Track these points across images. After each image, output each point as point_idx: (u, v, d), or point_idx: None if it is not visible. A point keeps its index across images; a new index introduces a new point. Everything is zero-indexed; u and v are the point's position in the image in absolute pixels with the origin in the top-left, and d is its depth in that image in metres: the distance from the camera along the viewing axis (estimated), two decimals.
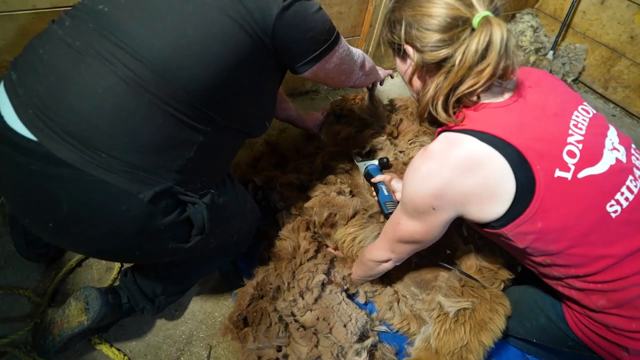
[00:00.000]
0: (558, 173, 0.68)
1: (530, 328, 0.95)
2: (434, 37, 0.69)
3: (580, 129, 0.73)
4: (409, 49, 0.74)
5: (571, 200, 0.69)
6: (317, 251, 1.07)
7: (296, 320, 0.97)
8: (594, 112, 0.78)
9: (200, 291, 1.13)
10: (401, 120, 1.51)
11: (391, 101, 1.65)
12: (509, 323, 1.00)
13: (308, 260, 1.03)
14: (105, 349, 0.95)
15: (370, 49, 1.84)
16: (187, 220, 0.74)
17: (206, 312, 1.09)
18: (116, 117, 0.63)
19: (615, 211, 0.70)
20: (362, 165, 1.34)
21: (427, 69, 0.75)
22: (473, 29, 0.67)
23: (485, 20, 0.66)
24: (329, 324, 0.96)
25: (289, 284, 1.00)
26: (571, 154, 0.70)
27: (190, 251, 0.77)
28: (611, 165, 0.72)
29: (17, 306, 1.01)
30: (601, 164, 0.71)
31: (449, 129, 0.74)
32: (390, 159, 1.39)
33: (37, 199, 0.65)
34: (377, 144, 1.41)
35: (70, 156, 0.61)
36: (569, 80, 2.33)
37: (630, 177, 0.73)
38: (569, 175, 0.69)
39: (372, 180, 1.25)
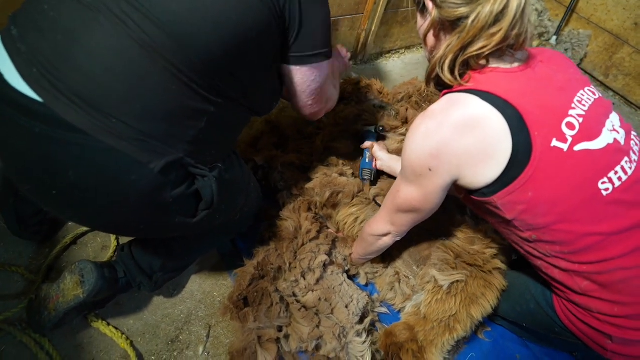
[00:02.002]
0: (555, 143, 0.68)
1: (520, 312, 0.97)
2: None
3: (584, 105, 0.73)
4: (429, 4, 0.75)
5: (564, 172, 0.68)
6: (319, 232, 1.06)
7: (298, 301, 0.96)
8: (600, 95, 0.78)
9: (199, 271, 1.11)
10: (407, 109, 1.49)
11: (395, 90, 1.62)
12: (502, 306, 1.02)
13: (310, 241, 1.02)
14: (102, 327, 0.94)
15: (373, 28, 1.79)
16: (195, 194, 0.71)
17: (205, 292, 1.08)
18: (129, 82, 0.59)
19: (607, 189, 0.69)
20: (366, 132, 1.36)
21: (443, 27, 0.75)
22: None
23: None
24: (330, 304, 0.96)
25: (290, 264, 0.99)
26: (570, 126, 0.69)
27: (196, 227, 0.75)
28: (608, 144, 0.71)
29: (10, 284, 0.98)
30: (599, 141, 0.71)
31: (453, 91, 0.74)
32: (396, 145, 1.37)
33: (41, 164, 0.61)
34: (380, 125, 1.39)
35: (78, 120, 0.57)
36: None
37: (626, 158, 0.73)
38: (565, 147, 0.68)
39: (361, 146, 1.27)
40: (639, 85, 2.18)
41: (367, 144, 1.30)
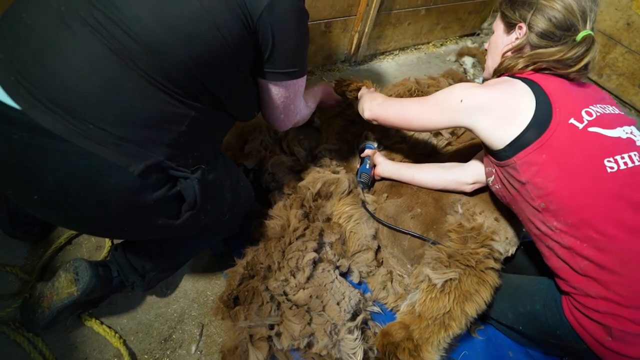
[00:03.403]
0: (572, 121, 0.82)
1: (522, 313, 0.97)
2: (548, 27, 0.88)
3: (605, 110, 0.86)
4: (523, 27, 0.91)
5: (575, 145, 0.81)
6: (306, 229, 1.06)
7: (288, 300, 0.97)
8: (631, 119, 0.91)
9: (193, 270, 1.12)
10: None
11: (386, 91, 1.63)
12: (500, 307, 1.03)
13: (297, 239, 1.02)
14: (95, 326, 0.94)
15: (366, 30, 1.81)
16: (178, 195, 0.72)
17: (198, 291, 1.09)
18: (105, 89, 0.61)
19: (612, 167, 0.79)
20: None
21: (523, 47, 0.93)
22: (575, 39, 0.85)
23: (590, 38, 0.84)
24: (322, 301, 0.97)
25: (279, 263, 0.99)
26: (589, 114, 0.83)
27: (182, 228, 0.76)
28: (620, 137, 0.83)
29: (4, 284, 0.99)
30: (612, 131, 0.83)
31: (511, 75, 0.92)
32: (398, 146, 1.40)
33: (21, 170, 0.62)
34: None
35: (56, 126, 0.59)
36: None
37: (636, 153, 0.81)
38: (580, 126, 0.81)
39: (362, 154, 1.33)
40: (632, 85, 2.20)
41: (368, 151, 1.32)
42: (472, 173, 1.10)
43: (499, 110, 0.87)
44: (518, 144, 0.84)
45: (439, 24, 2.21)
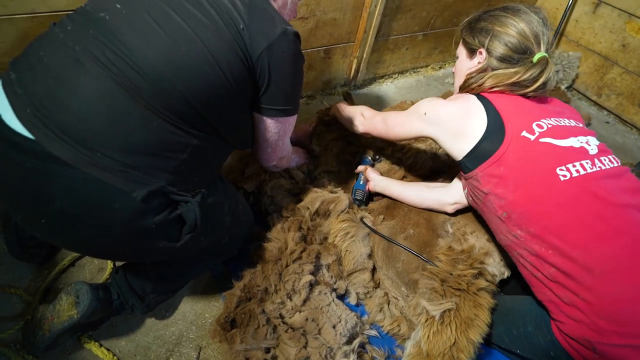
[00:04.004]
0: (524, 133, 0.88)
1: (516, 336, 0.97)
2: (506, 52, 0.96)
3: (559, 122, 0.90)
4: (483, 52, 1.00)
5: (528, 155, 0.86)
6: (302, 251, 1.07)
7: (285, 322, 0.97)
8: (588, 129, 0.95)
9: (192, 292, 1.14)
10: None
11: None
12: (496, 331, 1.01)
13: (294, 262, 1.04)
14: (94, 348, 0.96)
15: (365, 55, 1.87)
16: (178, 218, 0.75)
17: (197, 313, 1.10)
18: (113, 120, 0.66)
19: (565, 175, 0.83)
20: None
21: (485, 69, 1.01)
22: (532, 61, 0.92)
23: (544, 59, 0.92)
24: (317, 324, 0.97)
25: (276, 285, 1.00)
26: (539, 126, 0.89)
27: (182, 250, 0.79)
28: (572, 146, 0.88)
29: (8, 305, 1.01)
30: (563, 141, 0.88)
31: (469, 92, 1.01)
32: (387, 166, 1.43)
33: (31, 195, 0.66)
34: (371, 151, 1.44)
35: (66, 154, 0.63)
36: (562, 87, 2.36)
37: (588, 161, 0.85)
38: (532, 137, 0.87)
39: (356, 170, 1.39)
40: (632, 104, 2.21)
41: (360, 167, 1.38)
42: (453, 194, 1.13)
43: (452, 123, 0.95)
44: (475, 157, 0.92)
45: (437, 48, 2.27)
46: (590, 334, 0.76)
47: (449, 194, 1.14)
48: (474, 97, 0.97)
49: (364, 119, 1.23)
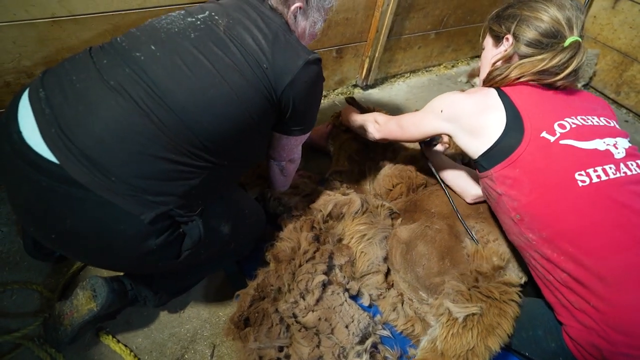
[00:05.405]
0: (544, 134, 0.84)
1: (525, 339, 0.95)
2: (534, 36, 0.90)
3: (586, 121, 0.84)
4: (510, 38, 0.95)
5: (547, 157, 0.82)
6: (316, 251, 1.08)
7: (298, 322, 0.98)
8: (619, 129, 0.90)
9: (206, 291, 1.15)
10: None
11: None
12: None
13: (307, 262, 1.04)
14: (112, 344, 0.98)
15: (377, 54, 1.86)
16: (179, 237, 0.78)
17: (211, 311, 1.11)
18: (132, 149, 0.69)
19: (584, 181, 0.79)
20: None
21: (511, 56, 0.96)
22: (564, 46, 0.86)
23: (577, 44, 0.85)
24: (330, 324, 0.97)
25: (289, 285, 1.01)
26: (562, 126, 0.84)
27: (183, 263, 0.82)
28: (597, 149, 0.81)
29: (29, 301, 1.04)
30: (587, 144, 0.82)
31: (492, 86, 0.97)
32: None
33: (43, 212, 0.70)
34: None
35: (82, 177, 0.66)
36: (579, 85, 2.30)
37: (612, 165, 0.80)
38: (552, 139, 0.83)
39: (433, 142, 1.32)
40: None
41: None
42: (477, 187, 1.14)
43: (469, 119, 0.93)
44: (490, 157, 0.89)
45: (450, 47, 2.25)
46: (599, 341, 0.75)
47: (473, 186, 1.16)
48: (494, 92, 0.93)
49: (379, 126, 1.22)
